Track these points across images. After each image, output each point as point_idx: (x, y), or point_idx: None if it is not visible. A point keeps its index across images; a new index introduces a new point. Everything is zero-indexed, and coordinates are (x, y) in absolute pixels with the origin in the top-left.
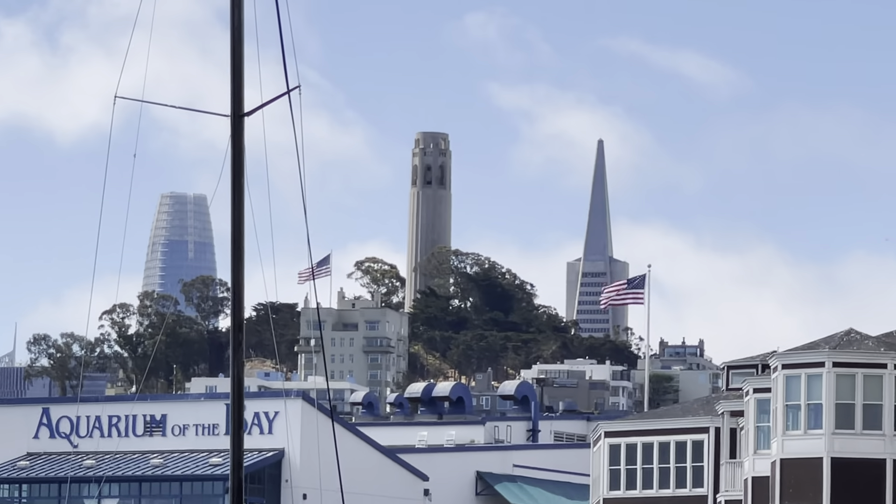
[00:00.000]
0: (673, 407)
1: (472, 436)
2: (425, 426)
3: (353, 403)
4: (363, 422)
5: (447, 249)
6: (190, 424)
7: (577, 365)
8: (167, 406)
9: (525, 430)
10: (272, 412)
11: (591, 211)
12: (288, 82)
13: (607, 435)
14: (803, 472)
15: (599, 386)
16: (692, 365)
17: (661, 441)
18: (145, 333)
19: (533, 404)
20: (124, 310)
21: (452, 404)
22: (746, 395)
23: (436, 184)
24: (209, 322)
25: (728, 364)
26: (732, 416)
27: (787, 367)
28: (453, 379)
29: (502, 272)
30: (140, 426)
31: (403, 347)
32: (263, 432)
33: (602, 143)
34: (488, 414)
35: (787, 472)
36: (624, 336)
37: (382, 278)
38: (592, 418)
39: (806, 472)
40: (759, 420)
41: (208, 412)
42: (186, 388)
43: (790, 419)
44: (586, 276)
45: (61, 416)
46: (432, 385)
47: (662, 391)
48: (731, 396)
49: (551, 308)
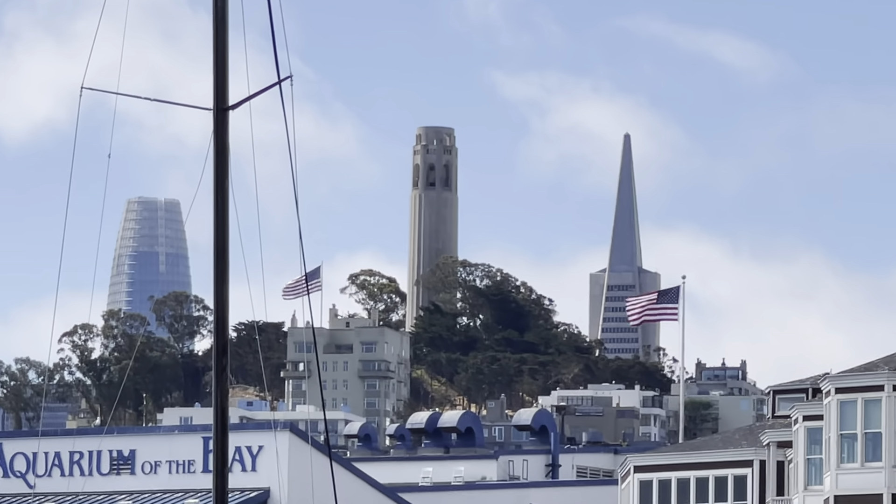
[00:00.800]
0: (712, 437)
1: (483, 472)
2: (430, 461)
3: (347, 436)
4: (359, 457)
5: (453, 260)
6: (162, 461)
7: (602, 390)
8: (136, 440)
9: (544, 465)
10: (256, 446)
11: (616, 215)
12: (279, 72)
13: (637, 470)
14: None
15: (628, 414)
16: (733, 389)
17: (698, 476)
18: (111, 358)
19: (552, 435)
20: (87, 331)
21: (461, 436)
22: (795, 424)
23: (440, 185)
24: (183, 344)
25: (774, 388)
26: (779, 447)
27: (841, 392)
28: (461, 407)
29: (516, 285)
30: (106, 463)
31: (405, 372)
32: (246, 469)
33: (629, 137)
34: (501, 447)
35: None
36: (655, 357)
37: (380, 293)
38: (620, 451)
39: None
40: (809, 452)
41: (183, 447)
42: (158, 420)
43: (845, 450)
44: (612, 289)
45: (16, 453)
46: (438, 414)
47: (700, 419)
48: (778, 425)
49: (572, 326)
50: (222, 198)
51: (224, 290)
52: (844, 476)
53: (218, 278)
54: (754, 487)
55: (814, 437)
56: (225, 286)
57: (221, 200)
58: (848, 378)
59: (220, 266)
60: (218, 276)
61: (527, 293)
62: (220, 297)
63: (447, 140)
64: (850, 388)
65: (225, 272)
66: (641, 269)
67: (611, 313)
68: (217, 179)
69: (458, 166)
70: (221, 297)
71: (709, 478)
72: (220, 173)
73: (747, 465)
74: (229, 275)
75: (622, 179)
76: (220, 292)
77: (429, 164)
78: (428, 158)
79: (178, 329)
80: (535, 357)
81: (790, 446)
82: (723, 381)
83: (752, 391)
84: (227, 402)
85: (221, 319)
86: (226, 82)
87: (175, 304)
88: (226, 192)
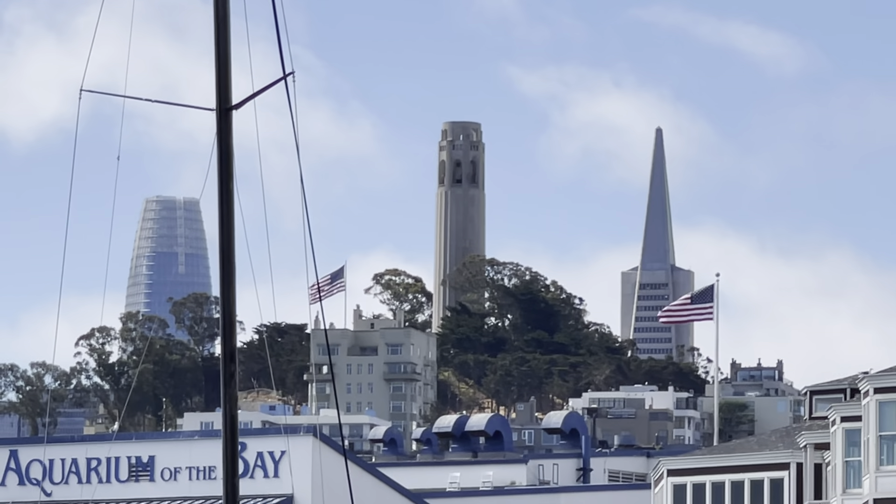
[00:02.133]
0: (747, 440)
1: (512, 477)
2: (457, 466)
3: (372, 440)
4: (385, 461)
5: (481, 259)
6: (182, 467)
7: (634, 392)
8: (155, 446)
9: (574, 470)
10: (278, 452)
11: (648, 212)
12: (284, 68)
13: (671, 473)
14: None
15: (661, 416)
16: (769, 390)
17: (733, 480)
18: (129, 361)
19: (583, 439)
20: (104, 334)
21: (489, 440)
22: (833, 425)
23: (467, 182)
24: (204, 347)
25: (811, 389)
26: (817, 449)
27: (880, 392)
28: (490, 410)
29: (546, 284)
30: (124, 470)
31: (431, 374)
32: (268, 475)
33: (661, 132)
34: (531, 451)
35: None
36: (689, 358)
37: (405, 293)
38: (653, 454)
39: None
40: (848, 454)
41: (204, 453)
42: (178, 426)
43: (885, 452)
44: (644, 287)
45: (32, 460)
46: (465, 418)
47: (735, 421)
48: (816, 427)
49: (604, 326)
50: (227, 200)
51: (231, 294)
52: (884, 479)
53: (224, 281)
54: (791, 491)
55: (852, 438)
56: (231, 289)
57: (227, 202)
58: (887, 378)
59: (226, 269)
60: (224, 278)
61: (556, 292)
62: (226, 302)
63: (474, 135)
64: (890, 387)
65: (231, 275)
66: (674, 266)
67: (643, 312)
68: (221, 181)
69: (485, 162)
70: (228, 301)
71: (744, 481)
72: (224, 174)
73: (784, 468)
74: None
75: (654, 175)
76: (227, 296)
77: (455, 161)
78: (454, 154)
79: (198, 331)
80: (565, 358)
81: (828, 448)
82: (758, 382)
83: (789, 392)
84: (237, 409)
85: (229, 325)
86: (228, 82)
87: (195, 305)
88: (230, 194)
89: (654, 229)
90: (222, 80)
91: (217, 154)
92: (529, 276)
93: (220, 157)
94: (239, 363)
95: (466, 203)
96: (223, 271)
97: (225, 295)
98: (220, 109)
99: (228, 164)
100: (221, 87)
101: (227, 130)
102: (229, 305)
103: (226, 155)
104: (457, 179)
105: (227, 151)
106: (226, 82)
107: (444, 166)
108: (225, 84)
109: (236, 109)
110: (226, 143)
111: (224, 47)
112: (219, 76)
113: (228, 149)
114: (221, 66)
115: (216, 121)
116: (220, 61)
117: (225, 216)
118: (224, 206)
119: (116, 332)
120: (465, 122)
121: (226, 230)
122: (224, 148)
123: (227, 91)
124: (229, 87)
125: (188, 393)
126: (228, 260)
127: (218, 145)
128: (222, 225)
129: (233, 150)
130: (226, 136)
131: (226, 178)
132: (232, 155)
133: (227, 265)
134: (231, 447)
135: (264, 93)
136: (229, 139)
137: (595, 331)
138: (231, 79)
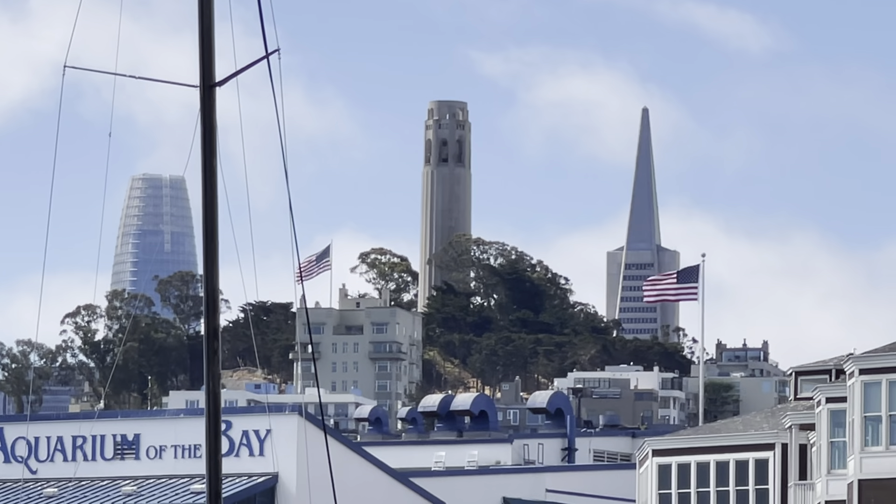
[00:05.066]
0: (732, 420)
1: (497, 456)
2: (443, 445)
3: (358, 419)
4: (370, 441)
5: (467, 238)
6: (168, 445)
7: (619, 372)
8: (141, 424)
9: (559, 449)
10: (263, 430)
11: (634, 191)
12: (267, 46)
13: (656, 454)
14: (886, 495)
15: (646, 396)
16: (754, 371)
17: (718, 460)
18: (115, 339)
19: (568, 418)
20: (90, 312)
21: (474, 419)
22: (818, 406)
23: (453, 161)
24: (189, 326)
25: (796, 369)
26: (802, 430)
27: (865, 373)
28: (475, 390)
29: (531, 264)
30: (109, 448)
31: (416, 353)
32: (253, 454)
33: (647, 111)
34: (516, 430)
35: (866, 495)
36: (674, 338)
37: (391, 272)
38: (638, 434)
39: (889, 496)
40: (833, 435)
41: (189, 431)
42: (164, 404)
43: (869, 433)
44: (630, 267)
45: (17, 438)
46: (451, 397)
47: (720, 402)
48: (801, 407)
49: (589, 306)
50: (211, 177)
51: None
52: (869, 459)
53: (208, 259)
54: (776, 471)
55: (837, 419)
56: (214, 265)
57: (210, 180)
58: (872, 359)
59: (209, 245)
60: (208, 256)
61: (542, 272)
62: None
63: (460, 114)
64: (875, 368)
65: (214, 252)
66: (660, 247)
67: (628, 293)
68: (205, 158)
69: (471, 141)
70: (211, 278)
71: (729, 461)
72: (208, 152)
73: (769, 448)
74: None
75: (640, 155)
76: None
77: (441, 140)
78: (440, 133)
79: (184, 310)
80: (550, 338)
81: (813, 429)
82: (744, 363)
83: (775, 373)
84: (220, 387)
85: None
86: (212, 58)
87: (181, 284)
88: (214, 171)
89: (640, 209)
90: (206, 56)
91: (200, 131)
92: (515, 256)
93: (204, 134)
94: (224, 342)
95: (452, 182)
96: (207, 248)
97: (208, 271)
98: (204, 86)
99: (212, 142)
100: (205, 63)
101: (210, 107)
102: (212, 282)
103: (209, 132)
104: (443, 158)
105: (211, 128)
106: (209, 59)
107: (429, 145)
108: (209, 60)
109: (220, 86)
110: (209, 119)
111: (208, 23)
112: (202, 53)
113: (212, 126)
114: (205, 43)
115: (200, 97)
116: (203, 38)
117: (209, 194)
118: (207, 184)
119: (102, 310)
120: (451, 101)
121: (209, 207)
122: (208, 125)
123: (211, 68)
124: (213, 64)
125: (173, 371)
126: (212, 237)
127: (202, 122)
128: (206, 202)
129: (216, 127)
130: (209, 112)
131: (209, 156)
132: (216, 132)
133: (211, 242)
134: (214, 424)
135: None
136: (213, 116)
137: (580, 310)
138: (215, 55)
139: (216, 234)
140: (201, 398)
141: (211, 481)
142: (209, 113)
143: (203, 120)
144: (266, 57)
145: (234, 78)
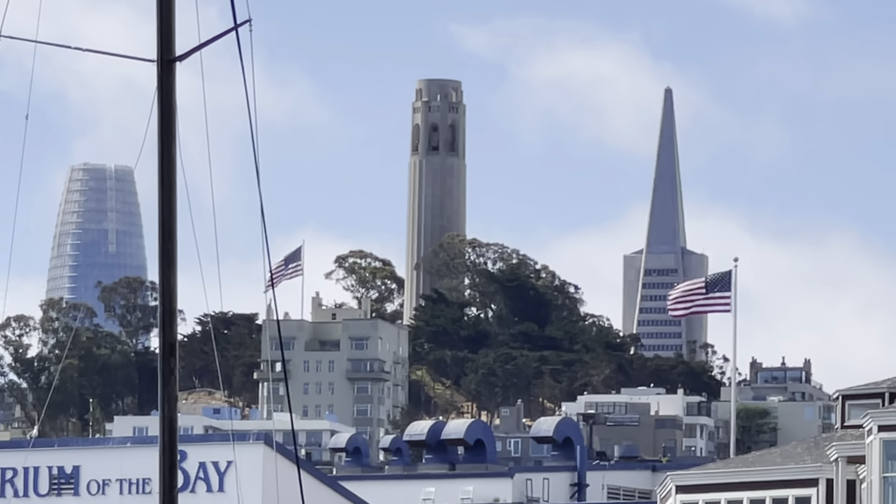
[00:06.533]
0: (769, 451)
1: (496, 492)
2: (432, 480)
3: (334, 449)
4: (348, 474)
5: (460, 239)
6: (112, 480)
7: (638, 395)
8: (81, 455)
9: (568, 485)
10: (223, 462)
11: (655, 185)
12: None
13: (680, 490)
14: None
15: (669, 423)
16: (795, 394)
17: (752, 498)
18: (51, 356)
19: (579, 449)
20: (22, 324)
21: (469, 450)
22: (869, 435)
23: (444, 149)
24: (137, 340)
25: (843, 393)
26: (850, 462)
27: None
28: (470, 415)
29: (535, 269)
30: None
31: (402, 373)
32: (212, 489)
33: (670, 92)
34: (518, 462)
35: None
36: (702, 356)
37: (373, 279)
38: (660, 468)
39: None
40: (886, 469)
41: (137, 462)
42: (108, 431)
43: None
44: (650, 273)
45: None
46: (441, 424)
47: (755, 430)
48: (849, 437)
49: (602, 318)
50: (169, 168)
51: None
52: None
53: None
54: None
55: (891, 451)
56: (173, 272)
57: (168, 171)
58: None
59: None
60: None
61: (548, 279)
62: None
63: (453, 95)
64: None
65: (172, 255)
66: (685, 249)
67: (649, 303)
68: (162, 146)
69: (466, 127)
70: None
71: (765, 500)
72: (166, 139)
73: (812, 484)
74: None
75: (662, 145)
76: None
77: (431, 125)
78: (430, 117)
79: (131, 322)
80: (557, 355)
81: (863, 462)
82: (783, 385)
83: (819, 396)
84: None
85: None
86: (172, 29)
87: (127, 291)
88: (173, 161)
89: (662, 206)
90: (165, 27)
91: (157, 114)
92: (517, 260)
93: (161, 118)
94: (179, 358)
95: (444, 174)
96: (163, 250)
97: (165, 277)
98: (162, 60)
99: (170, 127)
100: (164, 35)
101: (170, 86)
102: (170, 289)
103: (167, 115)
104: (433, 146)
105: (170, 111)
106: (168, 30)
107: (418, 131)
108: (168, 32)
109: (180, 61)
110: (168, 99)
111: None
112: (160, 22)
113: (171, 108)
114: (164, 12)
115: (157, 74)
116: (162, 6)
117: (166, 187)
118: (165, 176)
119: (36, 322)
120: (442, 80)
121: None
122: (166, 105)
123: (171, 40)
124: (172, 36)
125: (119, 393)
126: (170, 237)
127: (159, 103)
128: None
129: (176, 109)
130: (168, 91)
131: (167, 142)
132: (175, 114)
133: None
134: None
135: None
136: (172, 95)
137: (592, 324)
138: (175, 26)
139: (174, 234)
140: (151, 424)
141: None
142: (168, 92)
143: (161, 100)
144: (235, 28)
145: (197, 52)
